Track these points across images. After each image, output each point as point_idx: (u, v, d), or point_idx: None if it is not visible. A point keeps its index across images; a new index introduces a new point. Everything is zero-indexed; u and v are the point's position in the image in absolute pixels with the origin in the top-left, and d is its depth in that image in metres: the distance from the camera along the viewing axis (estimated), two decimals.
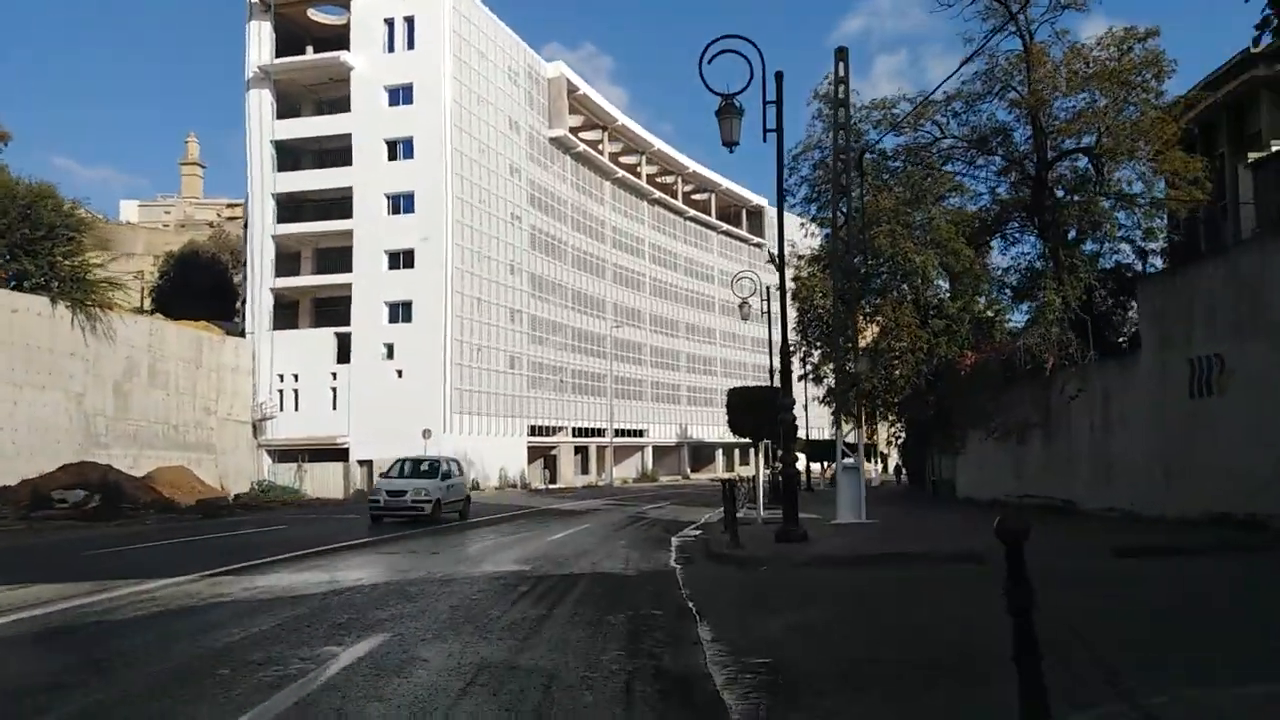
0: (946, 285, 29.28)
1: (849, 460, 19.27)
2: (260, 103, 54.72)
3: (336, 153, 55.09)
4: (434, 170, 52.95)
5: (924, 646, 6.49)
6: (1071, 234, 29.13)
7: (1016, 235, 31.49)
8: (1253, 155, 28.66)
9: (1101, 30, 27.73)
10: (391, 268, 53.55)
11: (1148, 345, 15.07)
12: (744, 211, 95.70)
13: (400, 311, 53.36)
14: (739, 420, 19.69)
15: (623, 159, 79.11)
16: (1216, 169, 28.19)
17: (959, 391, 26.60)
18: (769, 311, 33.57)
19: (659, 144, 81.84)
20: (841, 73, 19.78)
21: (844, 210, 19.89)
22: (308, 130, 55.26)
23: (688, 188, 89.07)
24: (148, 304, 61.90)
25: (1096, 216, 27.92)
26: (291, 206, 55.34)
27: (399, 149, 54.15)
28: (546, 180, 66.45)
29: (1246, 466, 12.30)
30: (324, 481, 51.71)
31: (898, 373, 30.00)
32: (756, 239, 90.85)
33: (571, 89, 69.15)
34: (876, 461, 54.25)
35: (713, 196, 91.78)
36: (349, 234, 53.57)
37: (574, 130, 70.76)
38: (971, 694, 5.15)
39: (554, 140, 67.37)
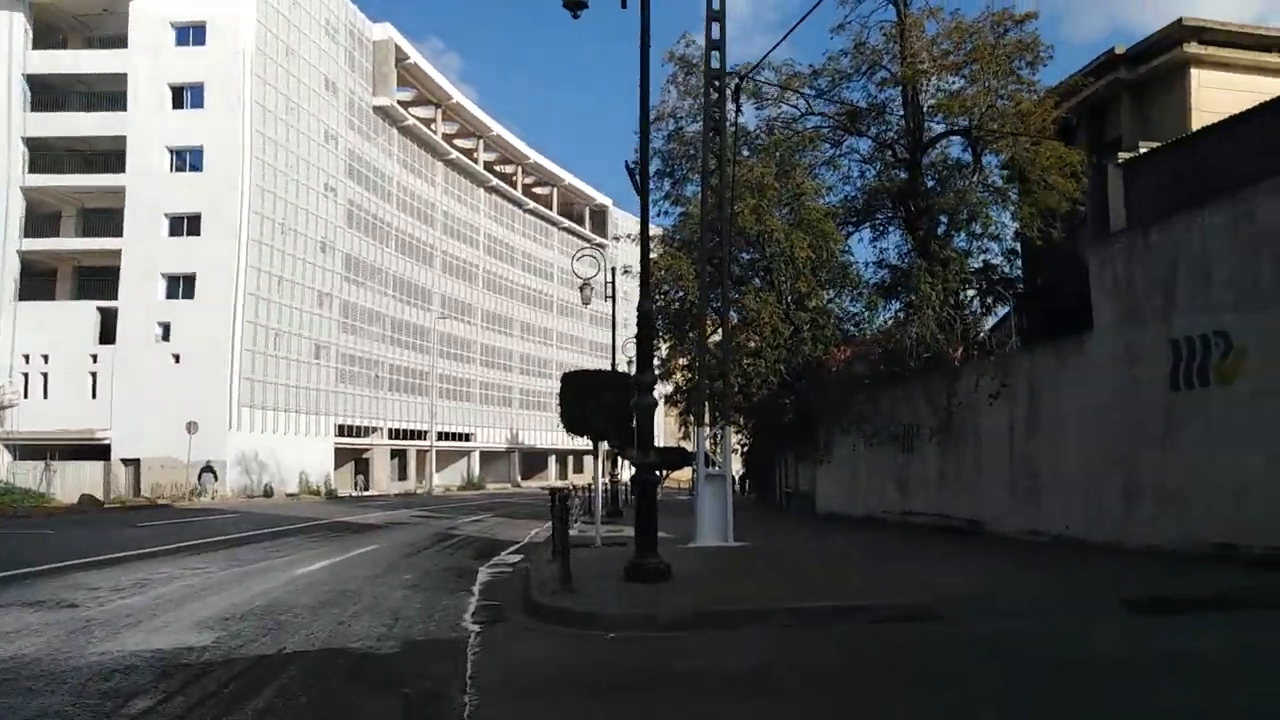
0: (811, 273, 25.97)
1: (714, 469, 15.15)
2: (10, 26, 45.42)
3: (111, 97, 46.56)
4: (228, 123, 45.54)
5: None
6: (941, 228, 26.63)
7: (885, 226, 28.76)
8: (1123, 155, 27.34)
9: (977, 10, 25.43)
10: (173, 234, 45.64)
11: (1103, 324, 11.74)
12: (588, 210, 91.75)
13: (181, 286, 45.53)
14: (575, 412, 15.12)
15: (458, 141, 73.22)
16: (1093, 164, 26.53)
17: (828, 392, 23.23)
18: (614, 312, 29.39)
19: (499, 129, 76.47)
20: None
21: (716, 163, 15.82)
22: (73, 65, 46.40)
23: (528, 179, 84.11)
24: None
25: (972, 207, 25.44)
26: (51, 155, 46.26)
27: (186, 96, 46.35)
28: (369, 153, 59.74)
29: (1269, 480, 8.97)
30: (79, 483, 43.04)
31: (752, 370, 26.51)
32: (600, 239, 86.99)
33: (401, 57, 62.80)
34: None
35: (555, 191, 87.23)
36: (121, 192, 45.23)
37: (404, 105, 64.37)
38: None
39: (379, 110, 60.79)
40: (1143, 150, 25.15)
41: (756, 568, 11.40)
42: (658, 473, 10.35)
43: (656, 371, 30.66)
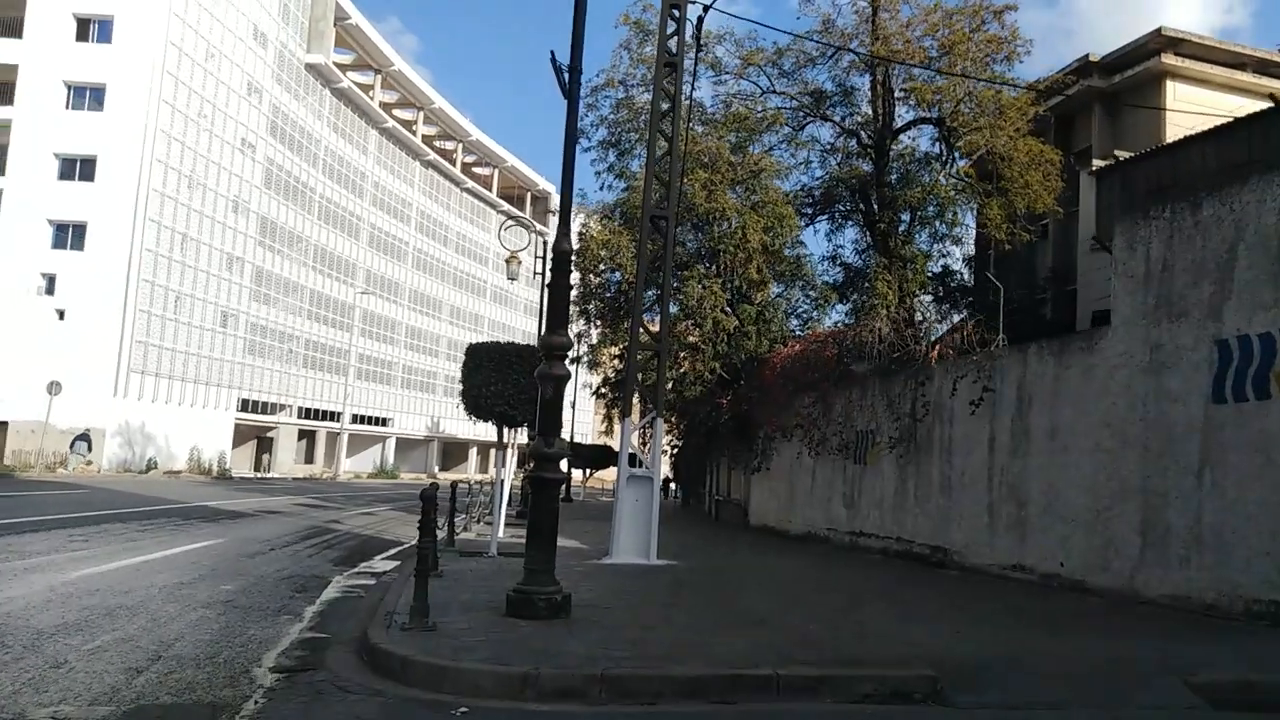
0: (764, 262, 23.69)
1: (640, 469, 12.64)
2: None
3: (9, 24, 42.05)
4: (136, 62, 41.42)
5: None
6: (903, 225, 24.66)
7: (842, 221, 26.66)
8: (1097, 163, 25.80)
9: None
10: (64, 177, 41.31)
11: (1124, 320, 9.56)
12: (529, 195, 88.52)
13: (70, 235, 41.25)
14: (477, 392, 12.46)
15: (397, 112, 69.49)
16: (1071, 166, 24.87)
17: (769, 392, 20.95)
18: (544, 290, 26.65)
19: (441, 103, 72.89)
20: None
21: (669, 105, 13.30)
22: None
23: (469, 158, 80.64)
24: None
25: (940, 201, 23.49)
26: None
27: (92, 29, 42.08)
28: (296, 111, 55.77)
29: None
30: None
31: (688, 365, 24.16)
32: (541, 227, 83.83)
33: (341, 15, 58.96)
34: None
35: (496, 173, 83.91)
36: (8, 127, 40.76)
37: (341, 67, 60.50)
38: None
39: (312, 68, 56.88)
40: (1119, 158, 23.67)
41: (685, 600, 8.90)
42: (569, 470, 7.79)
43: (582, 358, 28.37)
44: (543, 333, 7.43)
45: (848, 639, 6.85)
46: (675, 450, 39.14)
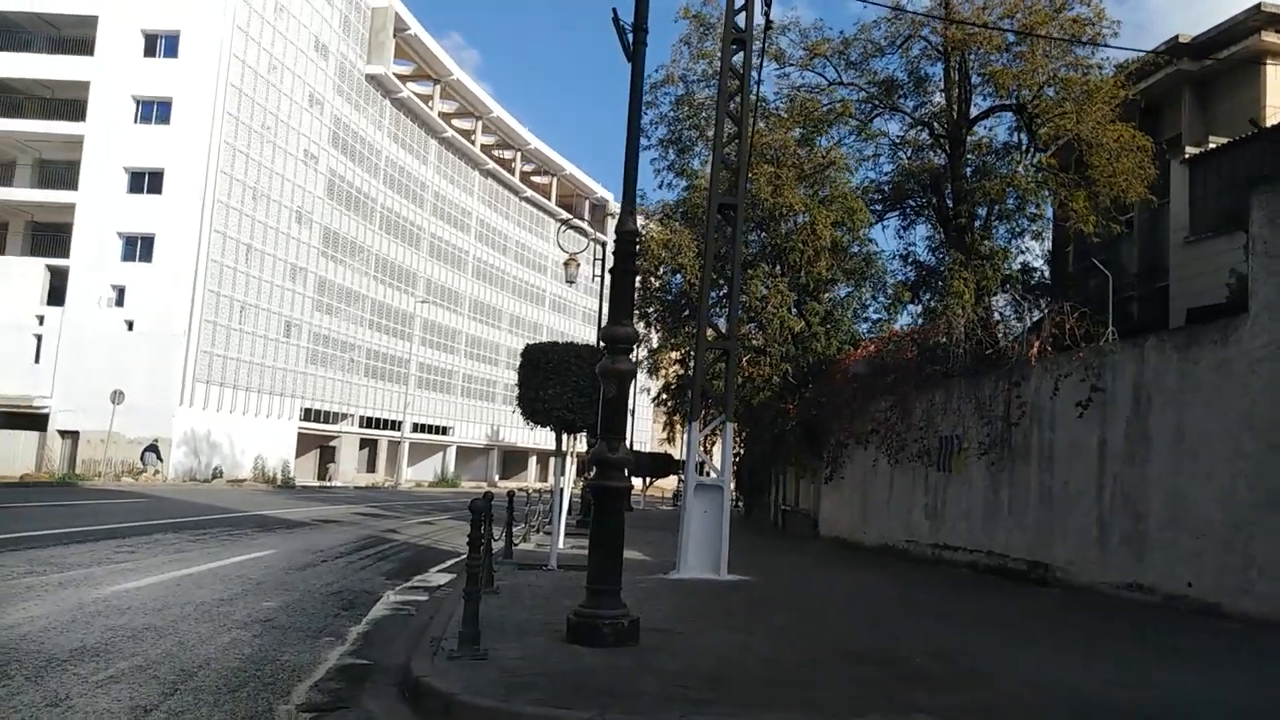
0: (832, 258, 22.63)
1: (708, 478, 11.76)
2: None
3: (80, 43, 43.07)
4: (201, 76, 42.02)
5: None
6: (979, 221, 23.37)
7: (913, 216, 25.42)
8: (1190, 150, 24.16)
9: None
10: (133, 191, 42.04)
11: (1268, 306, 8.37)
12: (587, 203, 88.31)
13: (140, 248, 41.91)
14: (534, 395, 11.70)
15: (456, 121, 69.79)
16: (1163, 153, 23.28)
17: (841, 397, 19.87)
18: (603, 291, 25.93)
19: (500, 111, 73.07)
20: None
21: (737, 83, 12.42)
22: (38, 3, 42.82)
23: (527, 167, 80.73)
24: None
25: (1021, 193, 22.15)
26: (9, 99, 42.74)
27: (159, 44, 42.81)
28: (357, 122, 56.24)
29: None
30: (10, 454, 39.52)
31: (755, 370, 23.17)
32: (599, 234, 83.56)
33: (400, 26, 59.39)
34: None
35: (554, 181, 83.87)
36: (80, 143, 41.68)
37: (401, 78, 60.91)
38: None
39: (372, 79, 57.33)
40: (1212, 146, 22.05)
41: (767, 625, 7.97)
42: (633, 479, 6.92)
43: (642, 362, 27.53)
44: (604, 323, 6.61)
45: (967, 676, 5.85)
46: (737, 458, 38.11)
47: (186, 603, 7.86)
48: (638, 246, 25.35)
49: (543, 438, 79.10)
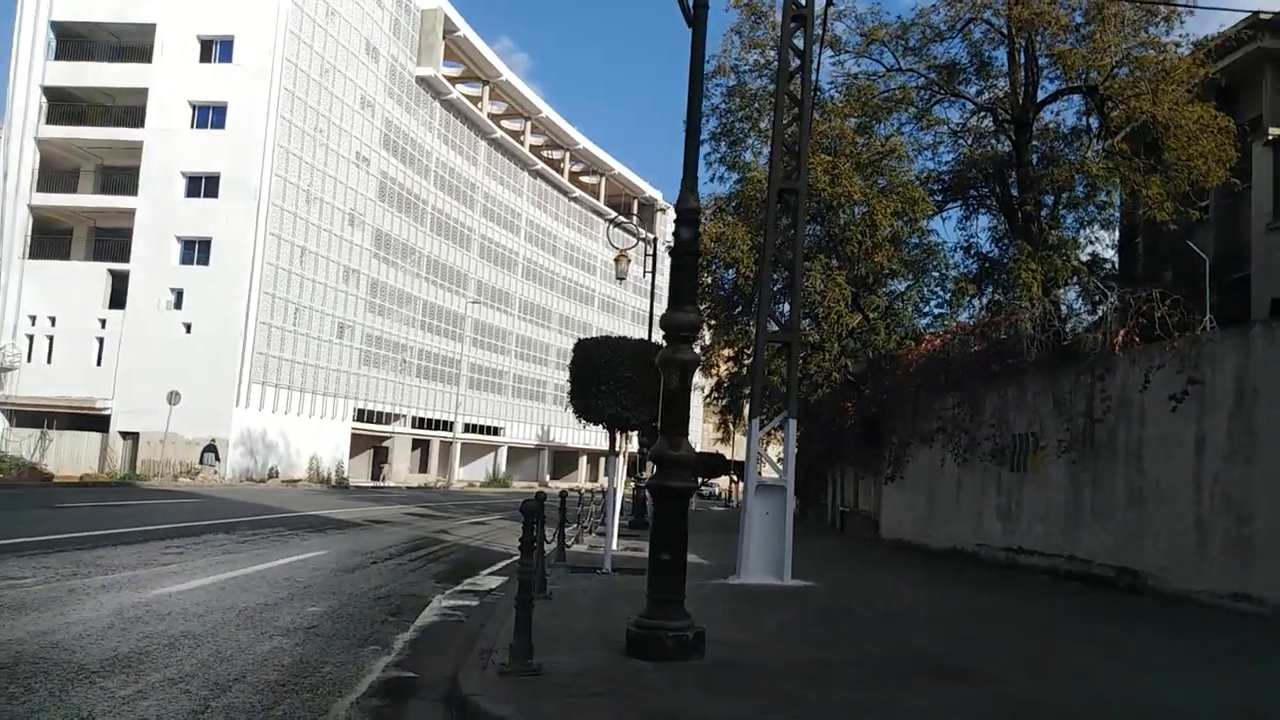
0: (892, 249, 21.85)
1: (770, 476, 11.19)
2: None
3: (140, 51, 43.95)
4: (256, 80, 42.55)
5: None
6: (1045, 210, 22.37)
7: (975, 206, 24.48)
8: (1274, 131, 22.88)
9: None
10: (190, 195, 42.76)
11: None
12: (636, 202, 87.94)
13: (197, 251, 42.61)
14: (585, 392, 11.22)
15: (505, 122, 69.92)
16: (1244, 134, 22.04)
17: (903, 393, 19.11)
18: (653, 286, 25.44)
19: (548, 111, 73.08)
20: None
21: (798, 64, 11.82)
22: (99, 13, 43.75)
23: (576, 167, 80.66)
24: None
25: (1091, 178, 21.10)
26: (73, 108, 43.75)
27: (214, 49, 43.51)
28: (408, 124, 56.58)
29: None
30: (75, 455, 40.35)
31: (814, 366, 22.47)
32: (647, 233, 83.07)
33: (450, 28, 59.65)
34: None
35: (603, 181, 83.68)
36: (140, 149, 42.48)
37: (451, 80, 61.19)
38: None
39: (422, 80, 57.64)
40: None
41: (842, 636, 7.37)
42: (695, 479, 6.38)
43: (700, 361, 26.96)
44: (666, 310, 6.09)
45: (1085, 704, 5.20)
46: (780, 458, 37.28)
47: (229, 608, 7.55)
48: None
49: (592, 438, 78.93)
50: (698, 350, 26.64)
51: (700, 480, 45.88)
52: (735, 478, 51.55)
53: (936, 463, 17.03)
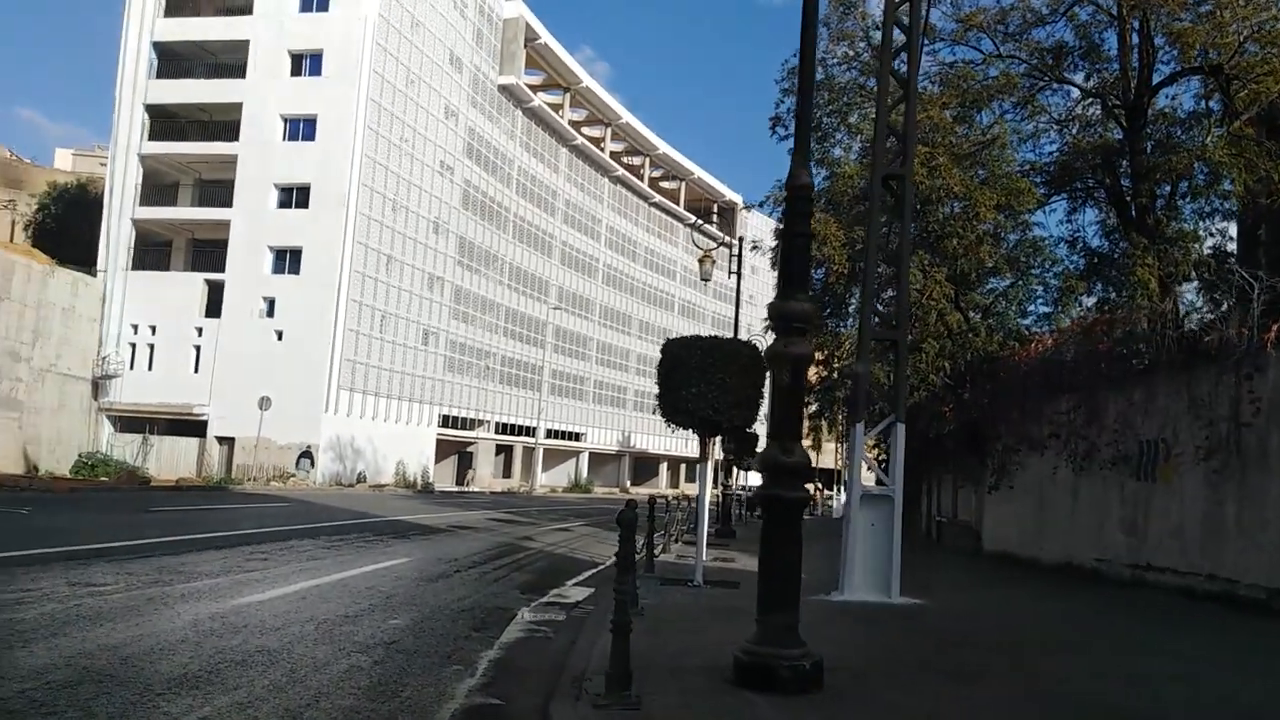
0: (994, 245, 20.63)
1: (876, 486, 10.39)
2: None
3: (234, 68, 45.35)
4: (344, 92, 43.38)
5: None
6: (1160, 200, 20.83)
7: (1084, 197, 23.02)
8: None
9: None
10: (282, 206, 43.83)
11: None
12: (716, 207, 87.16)
13: (288, 260, 43.62)
14: (676, 394, 10.57)
15: (586, 129, 70.07)
16: None
17: (1010, 396, 17.99)
18: (739, 289, 24.67)
19: (628, 117, 72.99)
20: None
21: (902, 75, 11.02)
22: (197, 32, 45.33)
23: (656, 172, 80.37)
24: (19, 238, 51.31)
25: (1213, 165, 19.50)
26: (174, 124, 45.39)
27: (305, 64, 44.54)
28: (490, 133, 57.09)
29: None
30: (174, 459, 41.87)
31: (909, 368, 21.32)
32: (728, 238, 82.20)
33: (531, 36, 60.01)
34: (839, 490, 45.57)
35: (683, 186, 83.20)
36: (234, 162, 43.77)
37: (532, 88, 61.57)
38: None
39: (504, 89, 58.11)
40: None
41: (973, 667, 6.57)
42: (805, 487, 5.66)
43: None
44: (775, 298, 5.45)
45: None
46: (881, 465, 36.01)
47: (308, 620, 7.18)
48: (774, 243, 23.76)
49: (673, 444, 78.35)
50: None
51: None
52: (820, 485, 50.25)
53: (1048, 470, 15.92)
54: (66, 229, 50.57)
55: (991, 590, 12.84)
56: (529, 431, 61.13)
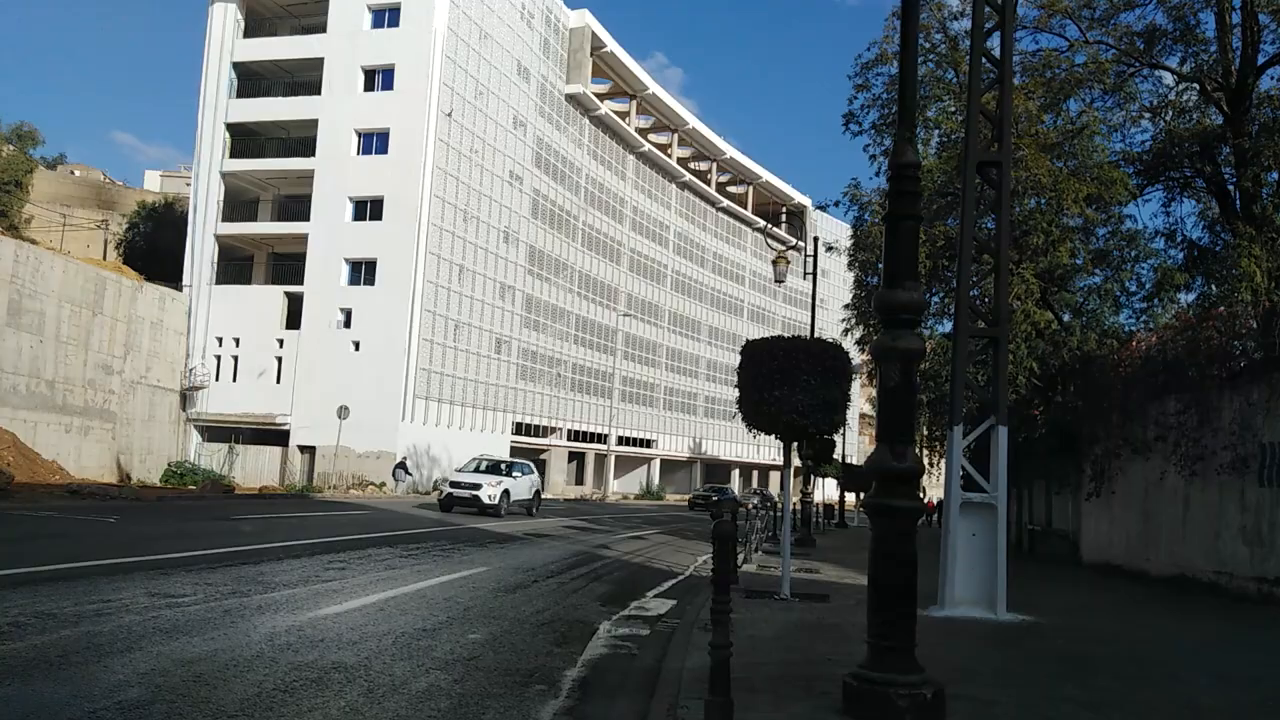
0: (1084, 239, 19.63)
1: (976, 493, 9.77)
2: (224, 18, 46.27)
3: (310, 85, 46.45)
4: (415, 106, 44.00)
5: None
6: (1266, 189, 19.53)
7: (1181, 187, 21.77)
8: None
9: None
10: (357, 218, 44.63)
11: None
12: (784, 210, 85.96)
13: (363, 272, 44.39)
14: (758, 398, 10.07)
15: (652, 136, 69.92)
16: None
17: (1108, 397, 16.99)
18: (814, 292, 23.98)
19: (695, 123, 72.64)
20: None
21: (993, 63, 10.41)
22: (274, 52, 46.58)
23: (723, 177, 79.79)
24: (111, 256, 53.56)
25: None
26: (254, 141, 46.72)
27: (377, 79, 45.34)
28: (558, 142, 57.34)
29: None
30: (258, 468, 42.91)
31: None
32: (796, 241, 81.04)
33: (597, 45, 60.16)
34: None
35: (750, 190, 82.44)
36: (311, 177, 44.76)
37: (599, 96, 61.69)
38: None
39: (571, 98, 58.32)
40: None
41: (1114, 695, 5.97)
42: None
43: (860, 369, 25.36)
44: (882, 287, 4.98)
45: None
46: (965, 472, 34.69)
47: (386, 633, 6.94)
48: (851, 241, 23.05)
49: (745, 450, 77.49)
50: (857, 351, 25.11)
51: (862, 495, 43.63)
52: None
53: (1154, 476, 14.95)
54: (154, 246, 52.55)
55: (1104, 605, 12.03)
56: (601, 438, 61.07)
